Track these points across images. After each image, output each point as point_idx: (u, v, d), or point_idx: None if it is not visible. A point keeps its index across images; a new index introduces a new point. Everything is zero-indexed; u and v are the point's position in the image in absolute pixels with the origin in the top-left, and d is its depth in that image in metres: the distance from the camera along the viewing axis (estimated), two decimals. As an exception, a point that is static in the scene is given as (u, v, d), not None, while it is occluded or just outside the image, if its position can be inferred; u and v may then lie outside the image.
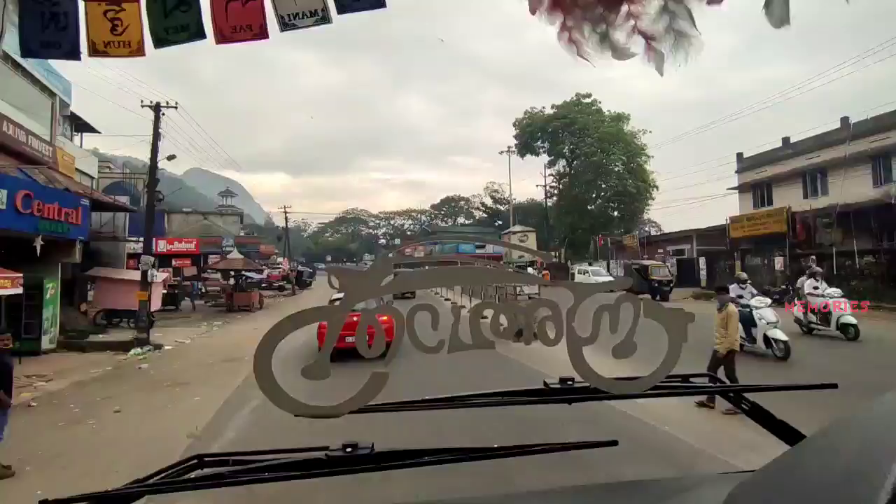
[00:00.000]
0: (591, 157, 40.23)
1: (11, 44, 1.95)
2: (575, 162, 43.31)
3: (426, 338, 1.09)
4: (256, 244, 38.37)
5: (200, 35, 1.74)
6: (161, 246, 32.01)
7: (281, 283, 36.15)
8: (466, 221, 78.94)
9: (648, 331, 1.16)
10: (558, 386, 1.16)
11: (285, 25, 1.75)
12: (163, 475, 0.97)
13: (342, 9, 1.76)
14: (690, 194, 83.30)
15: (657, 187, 40.94)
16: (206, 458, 1.01)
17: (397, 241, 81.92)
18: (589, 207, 42.34)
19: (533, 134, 44.01)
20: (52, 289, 11.98)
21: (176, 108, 13.96)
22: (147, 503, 1.03)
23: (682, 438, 4.99)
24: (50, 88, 17.87)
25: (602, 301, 1.14)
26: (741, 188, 27.64)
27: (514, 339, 1.19)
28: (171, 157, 14.97)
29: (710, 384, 1.38)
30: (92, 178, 22.52)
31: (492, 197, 72.79)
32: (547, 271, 30.30)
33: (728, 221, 26.15)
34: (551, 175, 45.89)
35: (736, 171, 28.08)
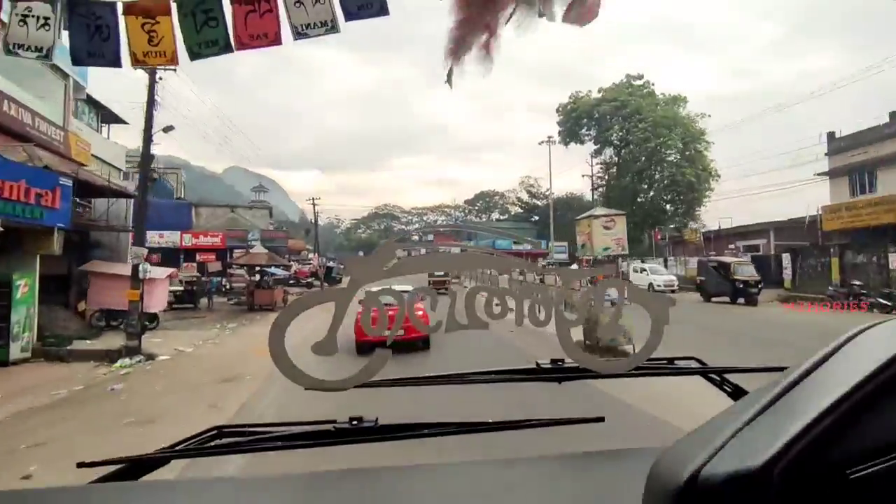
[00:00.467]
0: (644, 144, 36.46)
1: (59, 54, 2.00)
2: (623, 151, 39.68)
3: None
4: (284, 238, 36.70)
5: (228, 49, 1.90)
6: (186, 239, 30.75)
7: (309, 280, 34.17)
8: (501, 217, 75.77)
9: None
10: (549, 366, 1.21)
11: (298, 35, 1.90)
12: (186, 443, 1.03)
13: (349, 17, 1.88)
14: (725, 189, 76.84)
15: (719, 176, 36.91)
16: (225, 430, 1.07)
17: (430, 237, 79.66)
18: (639, 199, 38.65)
19: (578, 119, 40.59)
20: (24, 286, 9.96)
21: (175, 71, 11.81)
22: (173, 467, 1.07)
23: (666, 417, 5.08)
24: (63, 70, 16.29)
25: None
26: (832, 173, 23.69)
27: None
28: (167, 129, 12.89)
29: (693, 366, 1.33)
30: (120, 170, 21.11)
31: (528, 191, 69.22)
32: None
33: (820, 212, 22.36)
34: (598, 164, 42.41)
35: (826, 154, 24.13)
